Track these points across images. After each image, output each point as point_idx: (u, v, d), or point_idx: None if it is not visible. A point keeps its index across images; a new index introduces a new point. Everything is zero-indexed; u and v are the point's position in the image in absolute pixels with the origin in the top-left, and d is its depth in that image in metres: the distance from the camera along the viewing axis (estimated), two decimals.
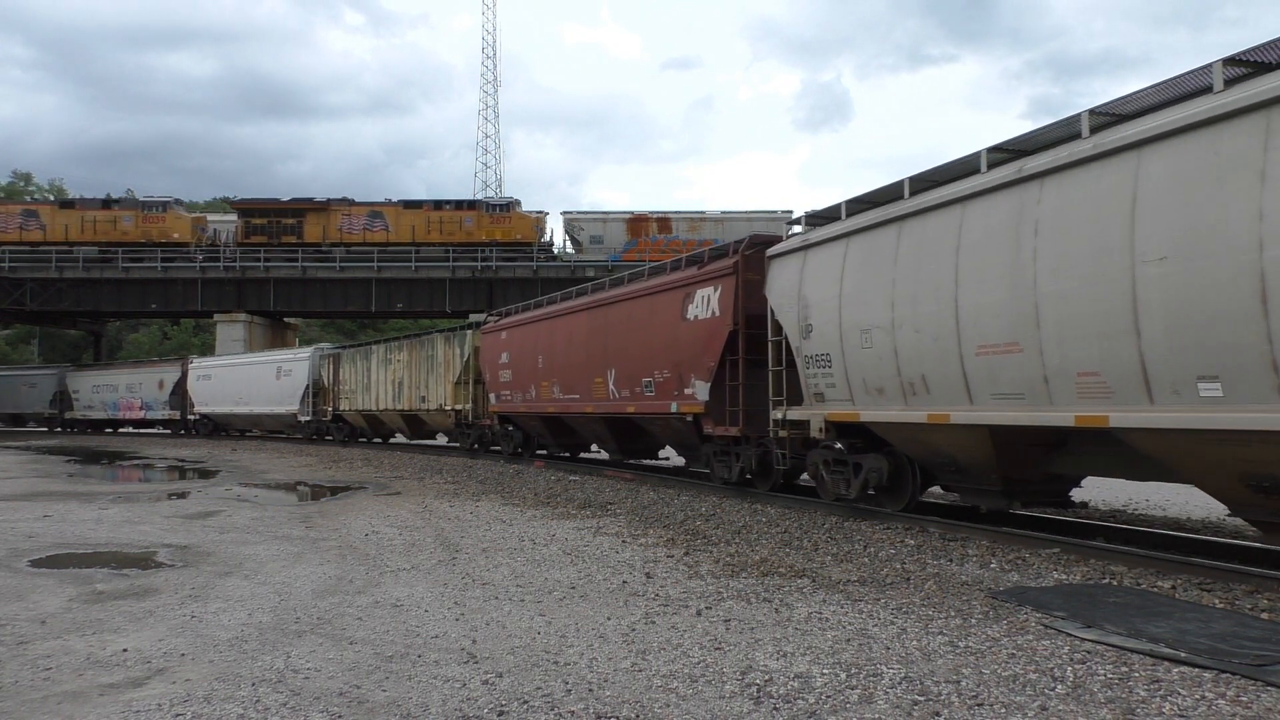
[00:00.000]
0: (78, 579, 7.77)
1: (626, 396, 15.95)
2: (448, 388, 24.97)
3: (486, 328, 23.46)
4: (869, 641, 5.46)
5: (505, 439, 22.54)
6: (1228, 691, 4.43)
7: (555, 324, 19.21)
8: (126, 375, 45.57)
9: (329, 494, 15.69)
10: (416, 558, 8.63)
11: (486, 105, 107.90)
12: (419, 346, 26.79)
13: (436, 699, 4.49)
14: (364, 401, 30.25)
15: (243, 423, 39.53)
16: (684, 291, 14.29)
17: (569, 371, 18.17)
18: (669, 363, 14.51)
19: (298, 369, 34.62)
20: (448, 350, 25.19)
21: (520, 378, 20.59)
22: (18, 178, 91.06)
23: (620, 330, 16.31)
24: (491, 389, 22.52)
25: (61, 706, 4.46)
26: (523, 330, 20.83)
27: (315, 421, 33.75)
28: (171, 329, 75.84)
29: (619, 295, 16.71)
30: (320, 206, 46.45)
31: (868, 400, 10.23)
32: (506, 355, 21.43)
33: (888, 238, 9.89)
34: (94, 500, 14.41)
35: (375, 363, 29.48)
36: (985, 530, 9.47)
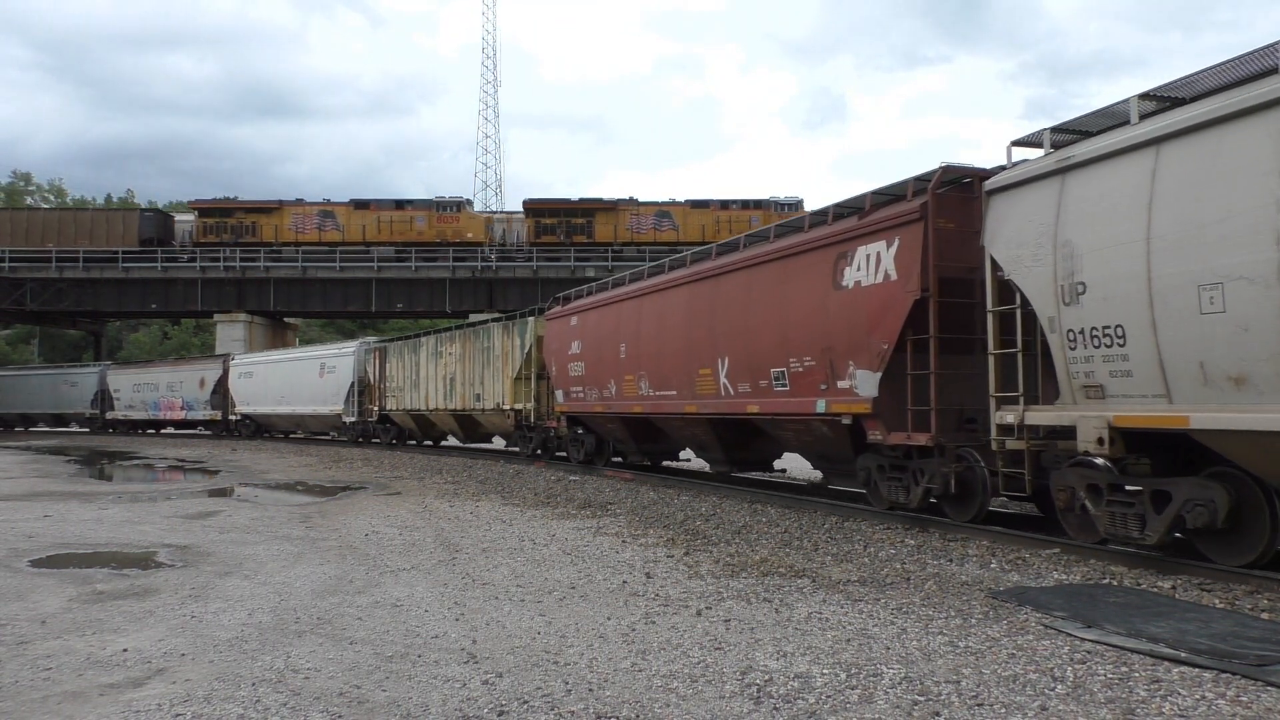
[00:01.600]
0: (78, 579, 7.77)
1: (746, 393, 12.54)
2: (506, 384, 21.86)
3: (552, 313, 19.76)
4: (869, 641, 5.46)
5: (574, 444, 19.27)
6: (1228, 691, 4.43)
7: (643, 304, 15.68)
8: (168, 373, 43.06)
9: (329, 494, 15.69)
10: (416, 558, 8.63)
11: (487, 105, 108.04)
12: (473, 337, 23.85)
13: (436, 699, 4.49)
14: (412, 400, 27.41)
15: (285, 423, 36.83)
16: (837, 251, 10.73)
17: (662, 362, 14.85)
18: (813, 347, 11.05)
19: (342, 365, 31.77)
20: (506, 341, 22.01)
21: (596, 371, 17.26)
22: (18, 178, 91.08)
23: (737, 308, 12.73)
24: (558, 385, 19.06)
25: (61, 706, 4.47)
26: (599, 314, 17.38)
27: (361, 422, 30.89)
28: (172, 329, 75.86)
29: (734, 263, 12.98)
30: (609, 206, 46.59)
31: (1205, 395, 6.84)
32: (578, 344, 18.05)
33: (1258, 134, 6.43)
34: (94, 500, 14.42)
35: (424, 357, 26.68)
36: (985, 530, 9.46)
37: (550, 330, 19.71)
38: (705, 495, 13.77)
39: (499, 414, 22.46)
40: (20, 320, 57.49)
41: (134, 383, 44.67)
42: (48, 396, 48.69)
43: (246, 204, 48.22)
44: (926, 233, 9.47)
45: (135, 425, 45.22)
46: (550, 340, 19.60)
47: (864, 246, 10.33)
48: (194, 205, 48.18)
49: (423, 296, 46.31)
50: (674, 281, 14.78)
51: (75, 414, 47.94)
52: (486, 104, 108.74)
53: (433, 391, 26.01)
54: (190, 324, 72.11)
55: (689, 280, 14.24)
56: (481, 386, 23.17)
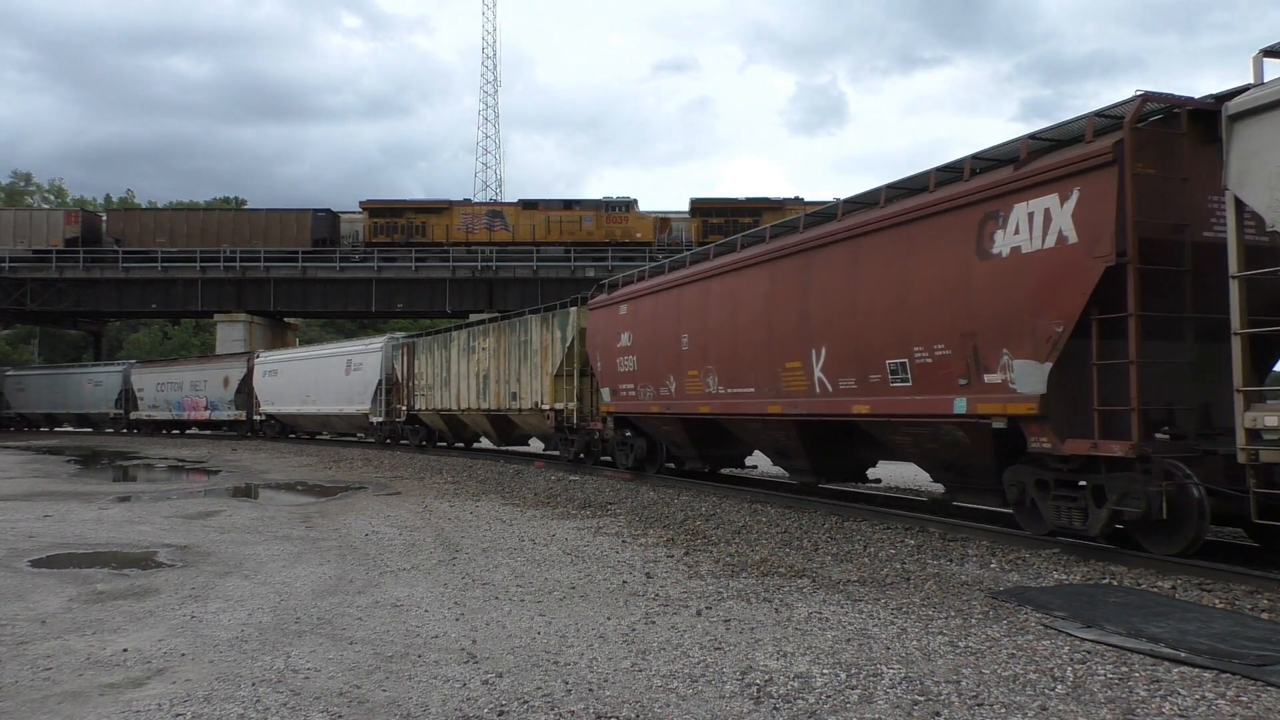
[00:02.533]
0: (78, 579, 7.77)
1: (849, 390, 10.48)
2: (545, 381, 19.77)
3: (596, 301, 17.71)
4: (869, 641, 5.46)
5: (622, 449, 17.26)
6: (1228, 691, 4.43)
7: (710, 287, 13.53)
8: (191, 372, 41.11)
9: (329, 494, 15.69)
10: (416, 558, 8.63)
11: (487, 105, 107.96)
12: (509, 330, 21.83)
13: (436, 699, 4.49)
14: (442, 399, 25.44)
15: (310, 424, 34.92)
16: (983, 211, 8.70)
17: (737, 355, 12.72)
18: (947, 332, 9.02)
19: (369, 362, 29.72)
20: (545, 334, 19.95)
21: (650, 366, 15.19)
22: (18, 178, 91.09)
23: (837, 288, 10.65)
24: (605, 382, 17.04)
25: (61, 706, 4.47)
26: (654, 301, 15.27)
27: (389, 423, 28.97)
28: (172, 329, 75.86)
29: (831, 234, 10.84)
30: (776, 205, 46.15)
31: None
32: (627, 336, 15.97)
33: None
34: (94, 500, 14.42)
35: (456, 352, 24.66)
36: (985, 530, 9.47)
37: (595, 321, 17.56)
38: (705, 495, 13.77)
39: (537, 415, 20.32)
40: (20, 320, 57.50)
41: (158, 381, 42.79)
42: (72, 396, 47.20)
43: (416, 204, 48.24)
44: (1122, 180, 7.39)
45: (159, 426, 43.41)
46: (595, 332, 17.50)
47: (1024, 203, 8.28)
48: (365, 206, 47.86)
49: (423, 296, 46.30)
50: (751, 260, 12.40)
51: (99, 414, 46.24)
52: (486, 104, 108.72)
53: (464, 390, 24.07)
54: (190, 324, 72.08)
55: (770, 257, 11.94)
56: (518, 384, 21.11)
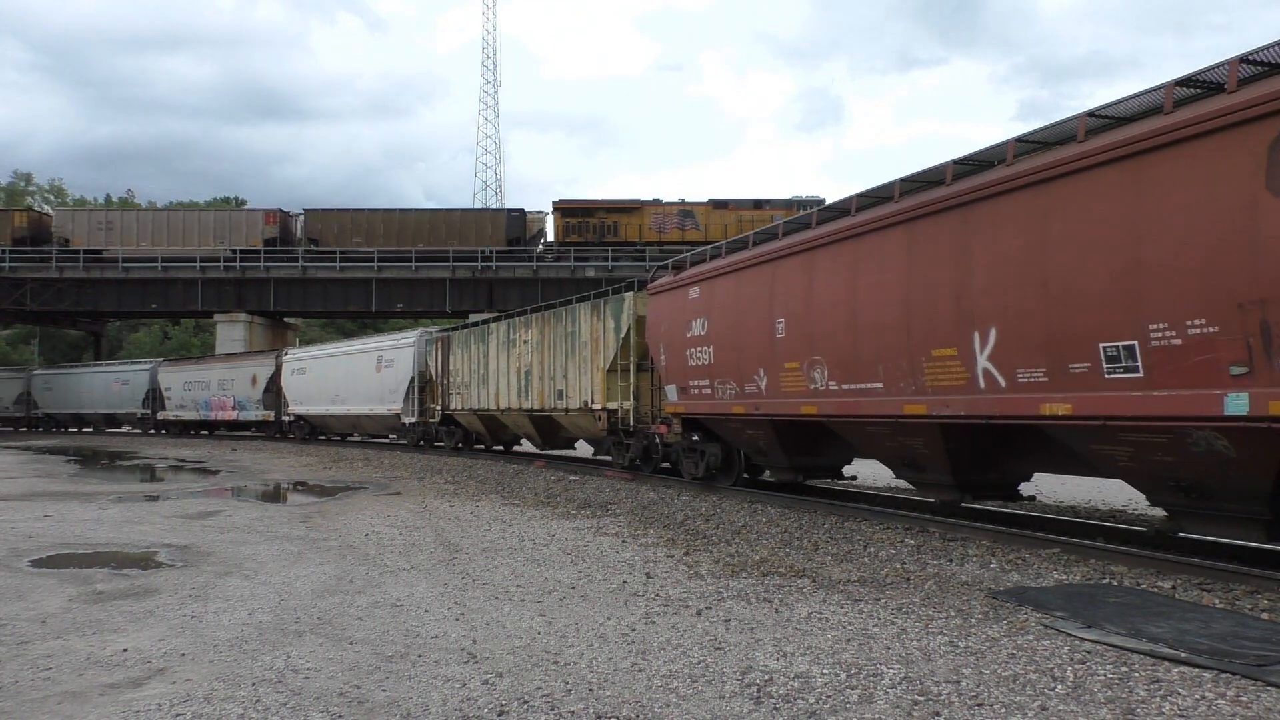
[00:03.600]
0: (78, 579, 7.77)
1: (1037, 383, 8.00)
2: (596, 378, 17.51)
3: (658, 284, 15.27)
4: (869, 641, 5.46)
5: (690, 455, 14.90)
6: (1228, 691, 4.43)
7: (815, 261, 11.05)
8: (219, 370, 39.33)
9: (329, 494, 15.69)
10: (416, 558, 8.63)
11: (487, 105, 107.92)
12: (554, 321, 19.69)
13: (436, 699, 4.49)
14: (480, 398, 23.26)
15: (340, 425, 33.08)
16: (1277, 128, 6.29)
17: (857, 341, 10.25)
18: (1210, 303, 6.66)
19: (400, 358, 27.76)
20: (595, 323, 17.71)
21: (732, 358, 12.82)
22: (18, 178, 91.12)
23: (1015, 250, 8.19)
24: (671, 378, 14.70)
25: (62, 706, 4.47)
26: (736, 281, 12.83)
27: (422, 424, 27.11)
28: (172, 329, 75.88)
29: (1000, 182, 8.35)
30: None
31: None
32: (701, 323, 13.62)
33: None
34: (94, 500, 14.42)
35: (495, 346, 22.59)
36: (985, 530, 9.47)
37: (657, 308, 15.20)
38: (705, 495, 13.77)
39: (586, 415, 18.07)
40: (20, 320, 57.46)
41: (185, 380, 41.10)
42: (100, 395, 45.88)
43: (608, 204, 48.20)
44: None
45: (187, 426, 41.98)
46: (657, 320, 15.16)
47: None
48: (557, 206, 47.70)
49: (423, 296, 46.31)
50: (874, 223, 9.99)
51: (127, 414, 44.82)
52: (486, 104, 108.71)
53: (504, 388, 21.94)
54: (190, 324, 72.12)
55: (906, 218, 9.51)
56: (564, 381, 18.89)
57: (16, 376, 52.47)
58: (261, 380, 36.46)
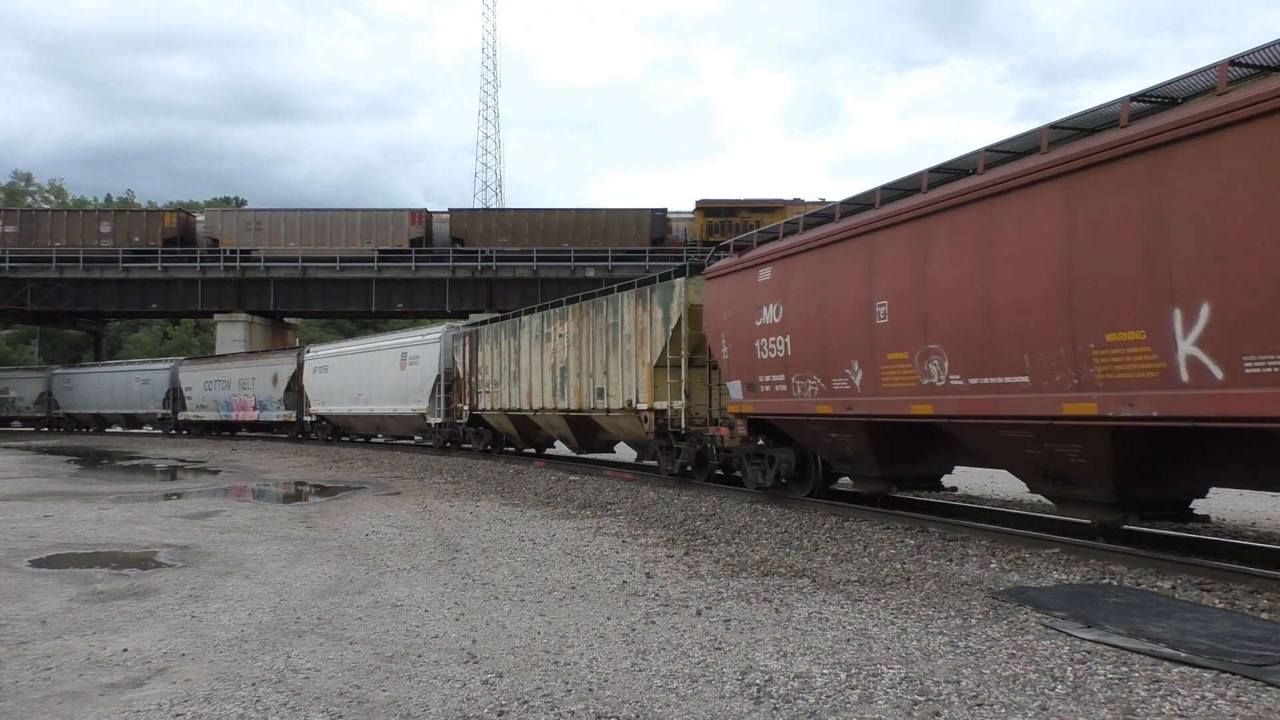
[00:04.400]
0: (78, 579, 7.77)
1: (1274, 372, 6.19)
2: (641, 375, 15.80)
3: (718, 268, 13.38)
4: (869, 641, 5.46)
5: (756, 463, 13.02)
6: (1228, 691, 4.43)
7: (932, 229, 9.13)
8: (239, 369, 37.94)
9: (329, 494, 15.69)
10: (416, 558, 8.63)
11: (487, 105, 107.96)
12: (593, 312, 17.84)
13: (436, 699, 4.49)
14: (511, 397, 21.60)
15: (363, 426, 31.76)
16: None
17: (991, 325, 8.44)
18: None
19: (425, 355, 26.24)
20: (641, 314, 15.99)
21: (816, 348, 10.95)
22: (18, 178, 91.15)
23: (1247, 206, 6.35)
24: (735, 374, 12.79)
25: (61, 706, 4.47)
26: (821, 259, 10.90)
27: (448, 425, 25.36)
28: (172, 329, 75.90)
29: (1215, 112, 6.44)
30: None
31: None
32: (775, 309, 11.68)
33: None
34: (94, 500, 14.42)
35: (527, 341, 20.86)
36: (985, 530, 9.47)
37: (716, 294, 13.37)
38: (705, 495, 13.77)
39: (630, 416, 16.27)
40: (20, 320, 57.51)
41: (205, 379, 39.91)
42: (120, 395, 44.79)
43: (750, 203, 48.11)
44: None
45: (208, 427, 40.77)
46: (717, 308, 13.32)
47: None
48: (700, 205, 47.49)
49: (423, 296, 46.33)
50: (1012, 181, 8.22)
51: (147, 414, 43.62)
52: (486, 104, 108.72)
53: (538, 386, 20.18)
54: (190, 324, 72.15)
55: (1062, 170, 7.69)
56: (604, 379, 17.09)
57: (37, 376, 51.57)
58: (283, 379, 35.12)
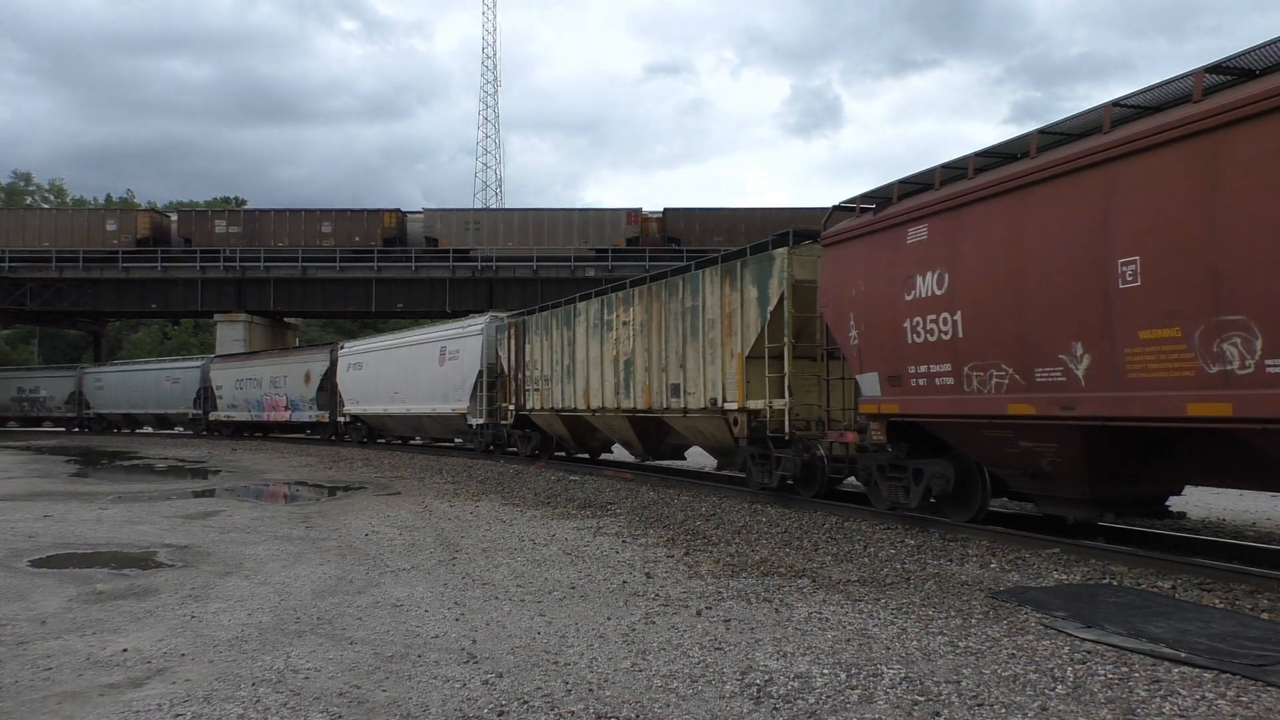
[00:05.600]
0: (78, 579, 7.77)
1: None
2: (730, 367, 13.20)
3: (843, 229, 10.67)
4: (869, 641, 5.46)
5: (893, 477, 10.32)
6: (1228, 691, 4.43)
7: (1223, 150, 6.54)
8: (270, 366, 35.88)
9: (329, 494, 15.69)
10: (416, 558, 8.63)
11: (487, 106, 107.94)
12: (667, 294, 15.14)
13: (436, 699, 4.49)
14: (564, 396, 18.94)
15: (400, 427, 29.29)
16: None
17: None
18: None
19: (466, 349, 23.85)
20: (728, 294, 13.32)
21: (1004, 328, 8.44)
22: (18, 178, 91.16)
23: None
24: (869, 364, 10.15)
25: (61, 706, 4.47)
26: (1016, 206, 8.37)
27: (492, 426, 22.93)
28: (172, 329, 75.91)
29: None
30: None
31: None
32: (936, 278, 9.12)
33: None
34: (94, 500, 14.42)
35: (583, 330, 18.18)
36: (985, 530, 9.47)
37: (838, 264, 10.74)
38: (705, 495, 13.76)
39: (713, 418, 13.82)
40: (20, 320, 57.51)
41: (236, 378, 37.97)
42: (150, 395, 43.21)
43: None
44: None
45: (239, 428, 38.95)
46: (840, 282, 10.65)
47: None
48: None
49: (422, 296, 46.31)
50: None
51: (178, 414, 41.91)
52: (487, 104, 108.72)
53: (596, 382, 17.51)
54: (190, 324, 72.15)
55: None
56: (682, 373, 14.57)
57: (68, 375, 50.13)
58: (315, 377, 32.98)
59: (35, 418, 51.28)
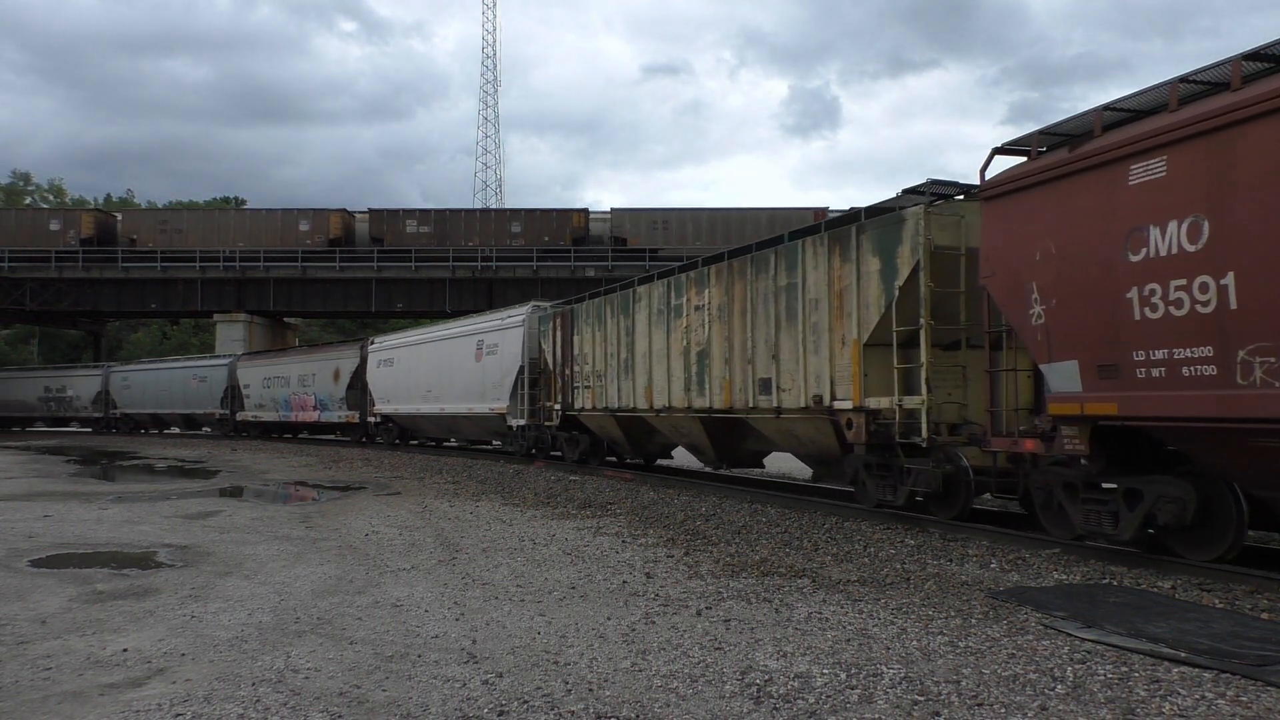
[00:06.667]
0: (78, 579, 7.77)
1: None
2: (841, 357, 10.85)
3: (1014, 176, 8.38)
4: (869, 641, 5.46)
5: (1090, 502, 7.96)
6: (1228, 691, 4.43)
7: None
8: (298, 364, 34.09)
9: (329, 494, 15.69)
10: (416, 558, 8.63)
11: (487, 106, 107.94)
12: (755, 271, 12.63)
13: (436, 699, 4.49)
14: (622, 394, 16.55)
15: (434, 428, 27.36)
16: None
17: None
18: None
19: (506, 342, 21.87)
20: (839, 267, 10.96)
21: None
22: (17, 178, 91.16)
23: None
24: (1062, 349, 7.86)
25: (61, 706, 4.47)
26: None
27: (534, 428, 20.80)
28: (171, 329, 75.90)
29: None
30: None
31: None
32: (1182, 230, 6.81)
33: None
34: (94, 500, 14.41)
35: (644, 318, 15.83)
36: (985, 530, 9.47)
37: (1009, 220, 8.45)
38: (705, 495, 13.76)
39: (815, 421, 11.40)
40: (20, 320, 57.46)
41: (264, 376, 36.27)
42: (178, 394, 41.67)
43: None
44: None
45: (267, 429, 37.27)
46: (1007, 247, 8.47)
47: None
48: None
49: (422, 296, 46.32)
50: None
51: (205, 414, 40.45)
52: (486, 104, 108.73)
53: (661, 378, 15.15)
54: (190, 324, 72.15)
55: None
56: (774, 365, 12.05)
57: (94, 374, 48.42)
58: (345, 375, 31.02)
59: (63, 418, 49.66)
